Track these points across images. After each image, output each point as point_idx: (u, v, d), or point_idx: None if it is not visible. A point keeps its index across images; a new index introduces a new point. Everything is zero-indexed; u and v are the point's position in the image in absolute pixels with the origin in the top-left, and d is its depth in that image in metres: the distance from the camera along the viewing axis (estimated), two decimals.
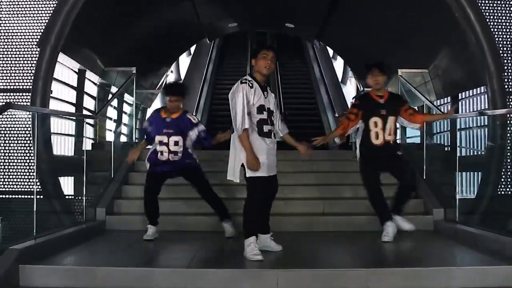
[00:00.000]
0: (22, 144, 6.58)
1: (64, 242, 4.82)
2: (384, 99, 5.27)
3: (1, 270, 3.79)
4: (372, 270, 4.03)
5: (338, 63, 17.34)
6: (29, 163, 6.51)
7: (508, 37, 6.97)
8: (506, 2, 7.02)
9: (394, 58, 9.22)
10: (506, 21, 6.99)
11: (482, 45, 6.79)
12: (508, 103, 6.76)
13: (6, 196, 6.59)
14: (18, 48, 6.91)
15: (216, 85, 17.56)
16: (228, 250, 5.13)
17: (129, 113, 9.89)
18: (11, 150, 6.62)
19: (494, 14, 6.98)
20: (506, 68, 6.89)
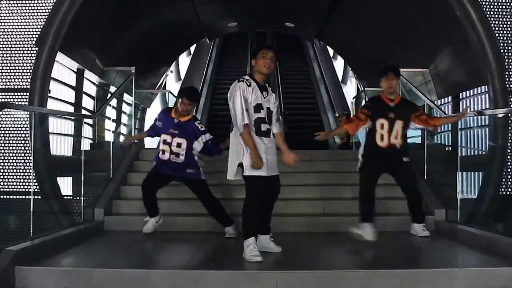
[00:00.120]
0: (19, 143, 6.54)
1: (61, 243, 4.77)
2: (394, 103, 5.31)
3: None
4: (372, 271, 3.99)
5: (338, 63, 17.30)
6: (26, 163, 6.47)
7: (510, 35, 6.93)
8: (507, 1, 6.98)
9: (394, 58, 9.18)
10: (508, 20, 6.94)
11: (483, 44, 6.78)
12: (510, 103, 6.72)
13: (2, 196, 6.55)
14: (16, 47, 6.88)
15: (216, 85, 17.51)
16: (227, 251, 5.08)
17: (128, 113, 9.85)
18: (8, 150, 6.57)
19: (495, 13, 6.94)
20: (508, 67, 6.85)
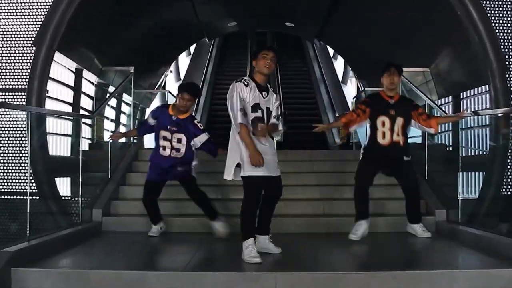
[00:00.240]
0: (16, 144, 6.50)
1: (58, 244, 4.73)
2: (394, 100, 5.29)
3: None
4: (372, 273, 3.95)
5: (338, 63, 17.27)
6: (23, 164, 6.43)
7: (511, 35, 6.89)
8: (508, 0, 6.94)
9: (394, 58, 9.12)
10: (508, 19, 6.90)
11: (484, 43, 6.73)
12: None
13: None
14: (14, 47, 6.85)
15: (216, 85, 17.48)
16: (225, 252, 5.05)
17: (127, 113, 9.82)
18: (5, 150, 6.53)
19: (497, 12, 6.90)
20: (509, 66, 6.81)
